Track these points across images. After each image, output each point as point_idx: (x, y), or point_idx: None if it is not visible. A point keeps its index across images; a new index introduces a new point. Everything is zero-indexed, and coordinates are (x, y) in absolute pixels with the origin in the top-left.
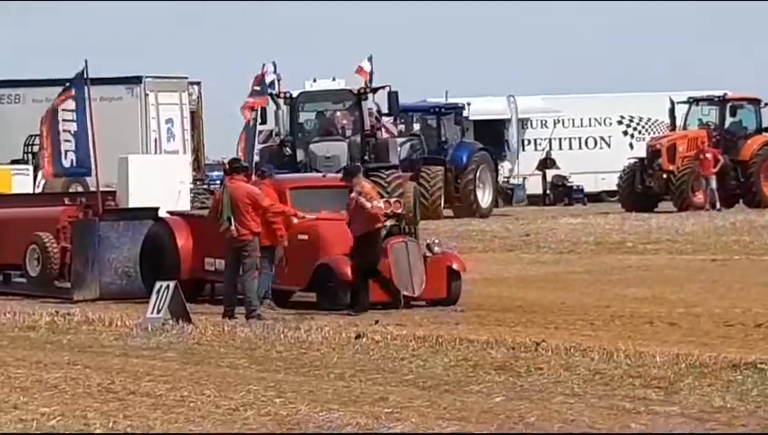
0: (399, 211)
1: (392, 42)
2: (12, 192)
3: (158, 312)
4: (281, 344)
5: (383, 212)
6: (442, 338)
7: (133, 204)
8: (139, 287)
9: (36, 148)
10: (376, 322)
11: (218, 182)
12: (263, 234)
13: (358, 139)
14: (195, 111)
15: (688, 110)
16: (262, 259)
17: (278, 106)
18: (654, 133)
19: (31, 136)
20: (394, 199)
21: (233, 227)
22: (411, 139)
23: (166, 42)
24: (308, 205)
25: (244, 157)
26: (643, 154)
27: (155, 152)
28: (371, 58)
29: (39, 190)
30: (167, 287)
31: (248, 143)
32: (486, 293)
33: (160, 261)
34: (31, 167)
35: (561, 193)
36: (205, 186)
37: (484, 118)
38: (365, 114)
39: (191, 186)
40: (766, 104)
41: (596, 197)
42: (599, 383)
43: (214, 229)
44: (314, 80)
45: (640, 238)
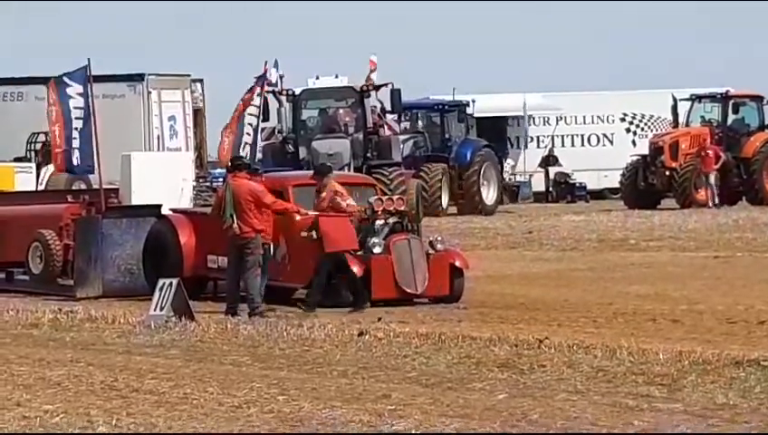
0: (402, 208)
1: (394, 39)
2: (15, 190)
3: (161, 309)
4: (284, 342)
5: (356, 212)
6: (445, 335)
7: (136, 201)
8: (142, 285)
9: (39, 145)
10: (379, 319)
11: (221, 180)
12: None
13: (360, 136)
14: (198, 109)
15: (691, 107)
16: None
17: (280, 103)
18: (657, 130)
19: (33, 134)
20: (396, 197)
21: (235, 225)
22: (415, 136)
23: (169, 39)
24: (310, 202)
25: (229, 154)
26: (646, 151)
27: (158, 150)
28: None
29: (42, 188)
30: (169, 285)
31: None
32: (489, 290)
33: (163, 258)
34: (33, 164)
35: (563, 190)
36: (207, 183)
37: (486, 115)
38: (367, 111)
39: (194, 183)
40: None
41: (599, 194)
42: (601, 380)
43: (217, 227)
44: (317, 77)
45: (643, 235)
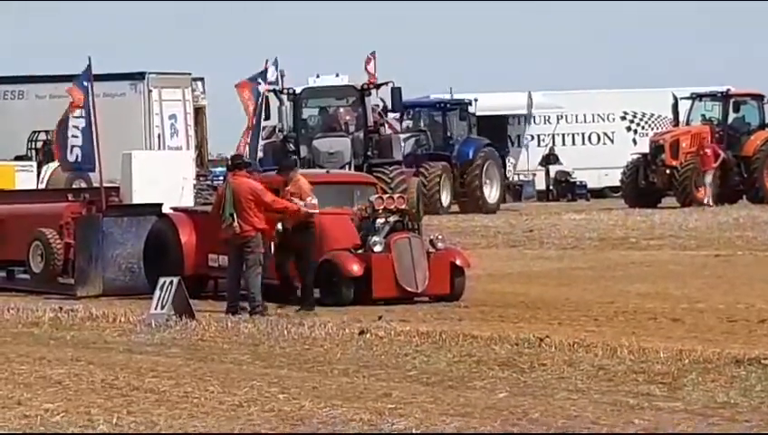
0: (403, 207)
1: (395, 38)
2: (15, 188)
3: (162, 308)
4: (284, 340)
5: (317, 210)
6: (445, 334)
7: (137, 200)
8: (143, 283)
9: (39, 144)
10: (379, 318)
11: (221, 178)
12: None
13: (361, 135)
14: (199, 107)
15: (691, 105)
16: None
17: (281, 102)
18: (657, 129)
19: (34, 132)
20: (397, 195)
21: (236, 224)
22: (417, 134)
23: (169, 38)
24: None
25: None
26: (646, 150)
27: (158, 148)
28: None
29: (42, 186)
30: (170, 283)
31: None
32: (490, 289)
33: (164, 257)
34: (34, 163)
35: (564, 189)
36: (208, 182)
37: (486, 114)
38: (368, 110)
39: (194, 182)
40: None
41: (599, 193)
42: (602, 379)
43: (217, 225)
44: (317, 76)
45: (644, 234)
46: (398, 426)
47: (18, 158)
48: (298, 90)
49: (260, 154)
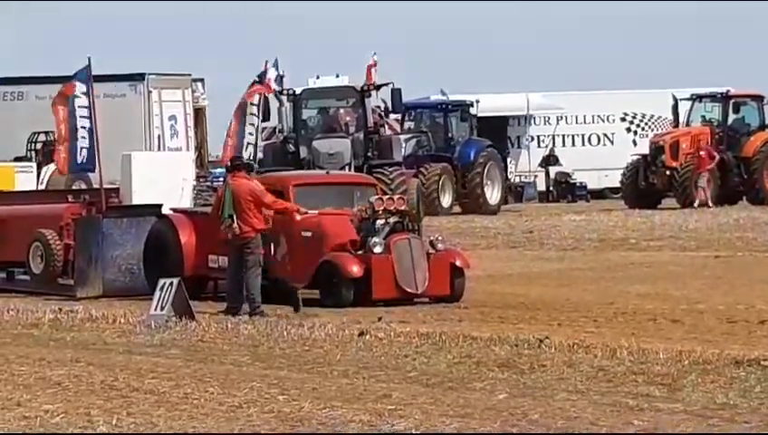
0: (402, 208)
1: (395, 39)
2: (15, 189)
3: (162, 309)
4: (284, 341)
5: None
6: (445, 335)
7: (136, 201)
8: (143, 284)
9: (39, 145)
10: (379, 319)
11: (221, 179)
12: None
13: (361, 135)
14: (199, 108)
15: (691, 106)
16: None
17: (281, 103)
18: (657, 130)
19: (34, 133)
20: (397, 196)
21: (235, 225)
22: (418, 135)
23: (169, 39)
24: (311, 202)
25: (233, 153)
26: (646, 151)
27: (158, 149)
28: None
29: (42, 187)
30: (170, 284)
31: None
32: (490, 290)
33: (164, 258)
34: (34, 164)
35: (564, 190)
36: (208, 183)
37: (487, 115)
38: (368, 111)
39: (194, 183)
40: None
41: (599, 193)
42: (602, 380)
43: (217, 226)
44: (317, 76)
45: (644, 235)
46: (398, 427)
47: (18, 159)
48: (298, 91)
49: (260, 155)
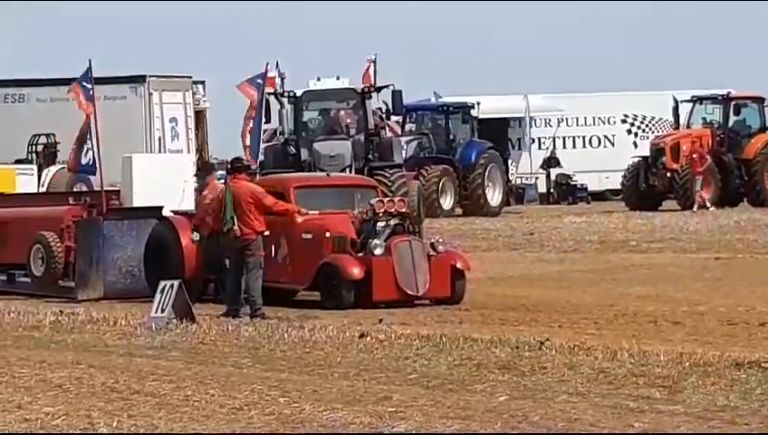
0: (403, 210)
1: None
2: (16, 192)
3: (163, 311)
4: (285, 344)
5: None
6: (446, 337)
7: (137, 203)
8: (144, 286)
9: (40, 147)
10: (380, 321)
11: (222, 181)
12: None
13: (362, 137)
14: (200, 111)
15: (692, 108)
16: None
17: (282, 105)
18: (658, 132)
19: (35, 135)
20: (398, 198)
21: (236, 227)
22: (419, 137)
23: (170, 41)
24: (312, 204)
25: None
26: (647, 153)
27: (159, 151)
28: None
29: (43, 190)
30: (171, 286)
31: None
32: (490, 292)
33: (164, 260)
34: (35, 166)
35: (564, 192)
36: None
37: (488, 117)
38: (369, 113)
39: (195, 185)
40: None
41: (600, 195)
42: (602, 382)
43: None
44: (318, 78)
45: (644, 237)
46: (399, 429)
47: (19, 161)
48: (299, 93)
49: (261, 157)
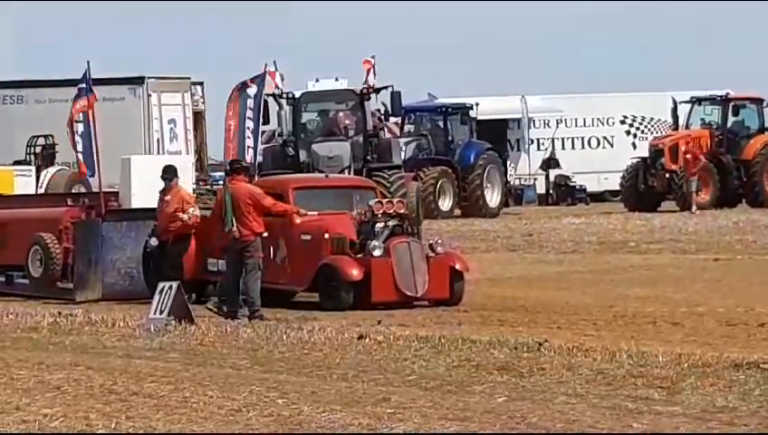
0: (402, 211)
1: (394, 41)
2: (14, 193)
3: (161, 313)
4: (283, 345)
5: (197, 220)
6: (444, 338)
7: (136, 204)
8: (142, 288)
9: (38, 148)
10: (378, 322)
11: (221, 183)
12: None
13: (360, 139)
14: (198, 112)
15: (691, 109)
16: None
17: (280, 106)
18: (656, 133)
19: (33, 137)
20: (396, 199)
21: (235, 228)
22: (418, 139)
23: (168, 42)
24: (311, 205)
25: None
26: (646, 154)
27: (157, 153)
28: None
29: (42, 191)
30: (169, 288)
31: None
32: (489, 293)
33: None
34: (33, 168)
35: (563, 193)
36: (208, 186)
37: (487, 117)
38: (368, 114)
39: (194, 186)
40: None
41: (599, 196)
42: (601, 383)
43: (216, 230)
44: (317, 80)
45: (643, 238)
46: (397, 430)
47: (17, 162)
48: (297, 94)
49: (259, 158)
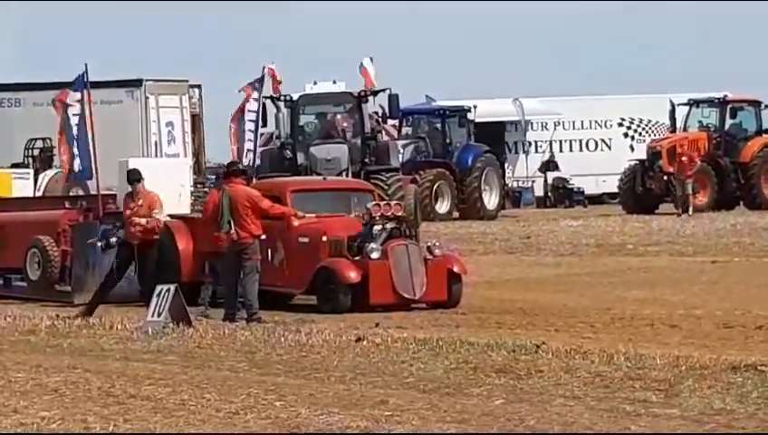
0: (400, 214)
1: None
2: (12, 196)
3: (159, 315)
4: (281, 348)
5: (162, 223)
6: (442, 341)
7: None
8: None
9: (36, 151)
10: (376, 325)
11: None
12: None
13: (358, 141)
14: (195, 114)
15: (688, 112)
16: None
17: (278, 109)
18: (654, 135)
19: (31, 140)
20: (394, 202)
21: (233, 231)
22: (416, 141)
23: (166, 45)
24: (308, 207)
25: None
26: (643, 156)
27: (155, 155)
28: (372, 59)
29: (39, 194)
30: (167, 291)
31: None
32: (487, 295)
33: (161, 264)
34: (31, 170)
35: (561, 195)
36: (206, 189)
37: (484, 120)
38: (365, 117)
39: (192, 189)
40: (766, 106)
41: (597, 199)
42: (599, 386)
43: (208, 232)
44: (315, 82)
45: (641, 240)
46: (395, 433)
47: (15, 165)
48: (295, 96)
49: (257, 161)
